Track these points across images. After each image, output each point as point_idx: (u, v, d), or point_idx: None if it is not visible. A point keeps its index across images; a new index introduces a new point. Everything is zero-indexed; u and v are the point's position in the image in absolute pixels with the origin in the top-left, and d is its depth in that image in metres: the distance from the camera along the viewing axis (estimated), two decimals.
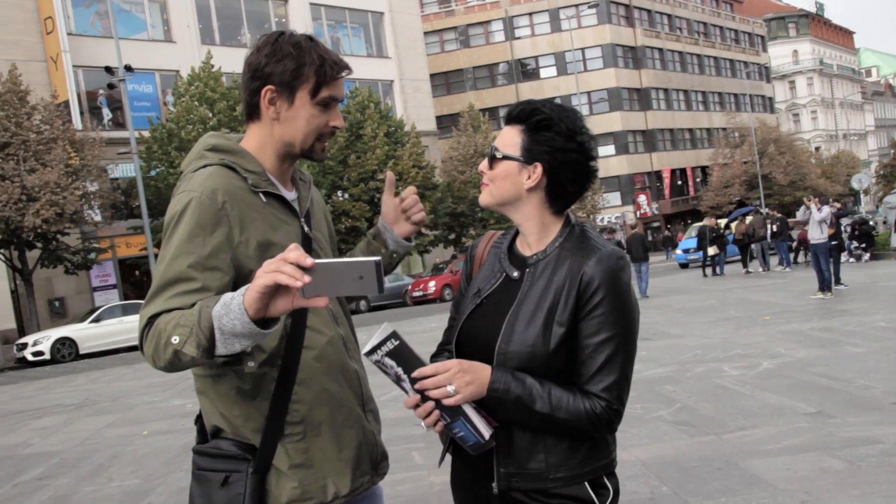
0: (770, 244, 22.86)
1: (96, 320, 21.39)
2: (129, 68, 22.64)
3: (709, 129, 58.80)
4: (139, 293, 28.23)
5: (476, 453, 1.69)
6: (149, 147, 25.78)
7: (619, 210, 49.41)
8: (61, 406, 11.16)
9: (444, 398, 1.60)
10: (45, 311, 25.76)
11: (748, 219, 23.92)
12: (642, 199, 51.94)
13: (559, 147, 1.71)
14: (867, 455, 4.75)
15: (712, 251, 22.99)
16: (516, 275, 1.77)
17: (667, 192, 54.25)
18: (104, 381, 14.14)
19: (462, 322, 1.80)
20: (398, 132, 32.70)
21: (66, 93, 26.21)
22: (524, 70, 52.05)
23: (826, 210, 14.58)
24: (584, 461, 1.68)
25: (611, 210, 48.27)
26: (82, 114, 26.99)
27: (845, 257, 20.16)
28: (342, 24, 37.47)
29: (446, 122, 44.82)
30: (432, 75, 43.41)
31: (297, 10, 34.75)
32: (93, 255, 24.65)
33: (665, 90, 55.57)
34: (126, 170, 27.07)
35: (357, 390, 1.87)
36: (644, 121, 53.28)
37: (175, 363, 1.57)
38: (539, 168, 1.72)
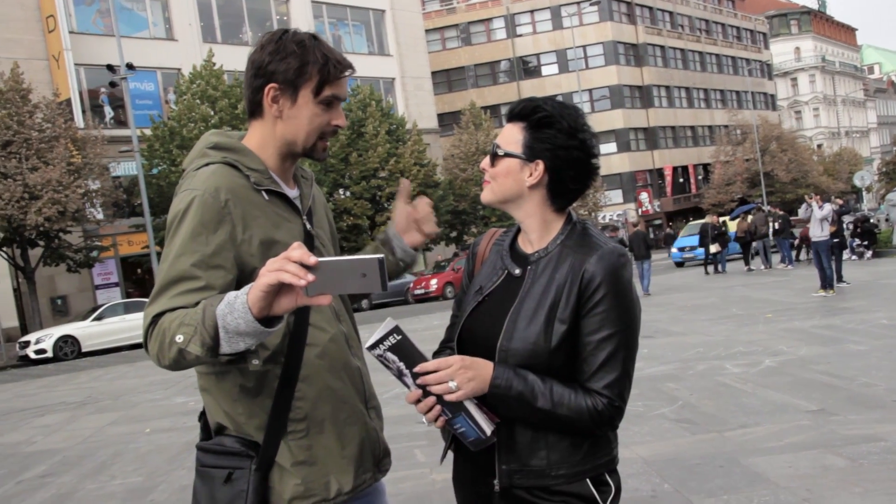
0: (772, 242, 22.85)
1: (98, 318, 21.42)
2: (130, 66, 22.64)
3: (711, 127, 58.75)
4: (141, 291, 28.27)
5: (477, 449, 1.69)
6: (150, 145, 25.81)
7: (620, 208, 49.39)
8: (64, 404, 11.18)
9: (445, 394, 1.61)
10: (48, 310, 25.79)
11: (749, 217, 23.90)
12: (644, 196, 51.91)
13: (561, 144, 1.71)
14: (869, 453, 4.75)
15: (714, 249, 22.98)
16: (518, 272, 1.77)
17: (668, 189, 54.22)
18: (106, 378, 14.16)
19: (464, 319, 1.80)
20: (400, 130, 32.69)
21: (67, 91, 26.25)
22: (526, 67, 52.02)
23: (827, 208, 14.57)
24: (586, 458, 1.69)
25: (612, 208, 48.28)
26: (84, 112, 27.04)
27: (847, 255, 20.14)
28: (343, 22, 37.45)
29: (448, 120, 44.81)
30: (434, 73, 43.40)
31: (299, 8, 34.73)
32: (95, 254, 24.69)
33: (667, 87, 55.52)
34: (128, 168, 27.12)
35: (359, 387, 1.88)
36: (646, 118, 53.23)
37: (180, 362, 1.57)
38: (541, 165, 1.72)
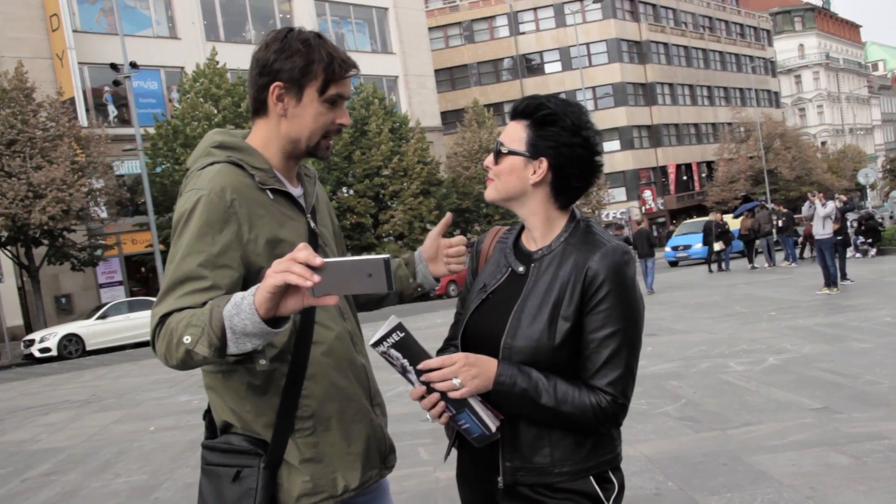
0: (776, 239, 22.81)
1: (102, 317, 21.45)
2: (134, 65, 22.65)
3: (714, 124, 58.61)
4: (145, 289, 28.34)
5: (481, 445, 1.70)
6: (154, 144, 25.84)
7: (624, 205, 49.30)
8: (68, 402, 11.20)
9: (449, 391, 1.61)
10: (52, 308, 25.85)
11: (754, 214, 23.87)
12: (647, 194, 51.83)
13: (564, 142, 1.71)
14: (873, 450, 4.75)
15: (718, 247, 22.95)
16: (522, 270, 1.77)
17: (672, 187, 54.13)
18: (110, 377, 14.19)
19: (468, 317, 1.80)
20: (403, 128, 32.69)
21: (71, 90, 26.28)
22: (529, 65, 51.95)
23: (830, 205, 14.53)
24: (590, 455, 1.69)
25: (616, 205, 48.22)
26: (88, 111, 27.06)
27: (851, 252, 20.11)
28: (346, 20, 37.43)
29: (451, 118, 44.76)
30: (437, 71, 43.36)
31: (302, 6, 34.73)
32: (99, 252, 24.72)
33: (670, 85, 55.42)
34: (132, 166, 27.14)
35: (365, 385, 1.89)
36: (649, 116, 53.15)
37: (187, 362, 1.58)
38: (544, 163, 1.72)
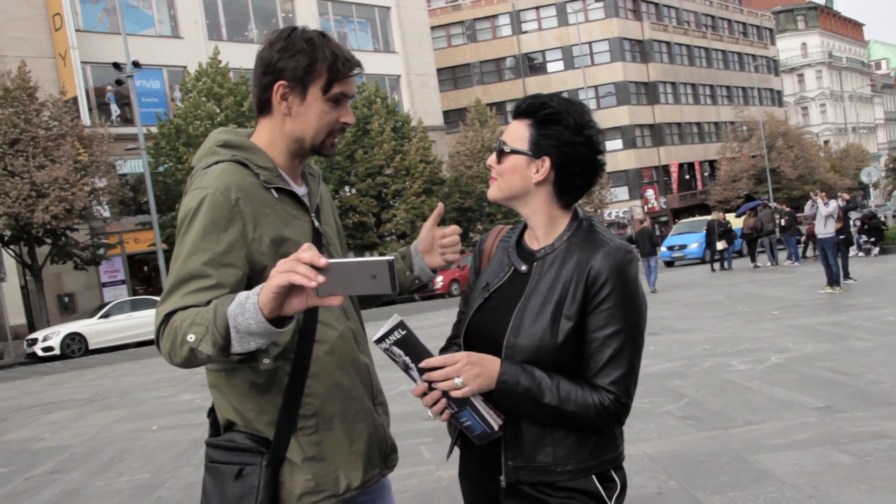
0: (778, 238, 22.77)
1: (105, 316, 21.50)
2: (136, 64, 22.69)
3: (717, 123, 58.53)
4: (148, 288, 28.38)
5: (482, 443, 1.70)
6: (157, 143, 25.87)
7: (626, 204, 49.27)
8: (71, 401, 11.22)
9: (451, 390, 1.61)
10: (55, 307, 25.90)
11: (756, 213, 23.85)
12: (650, 193, 51.77)
13: (567, 141, 1.71)
14: (876, 450, 4.74)
15: (721, 246, 22.93)
16: (524, 269, 1.77)
17: (675, 186, 54.07)
18: (113, 376, 14.22)
19: (470, 316, 1.81)
20: (405, 127, 32.70)
21: (74, 89, 26.32)
22: (531, 64, 51.92)
23: (833, 204, 14.50)
24: (592, 454, 1.69)
25: (618, 204, 48.19)
26: (91, 110, 27.12)
27: (854, 251, 20.07)
28: (349, 19, 37.45)
29: (453, 117, 44.75)
30: (439, 70, 43.36)
31: (304, 5, 34.75)
32: (101, 251, 24.76)
33: (673, 84, 55.35)
34: (134, 166, 27.18)
35: (367, 384, 1.89)
36: (652, 115, 53.10)
37: (191, 360, 1.59)
38: (547, 162, 1.72)
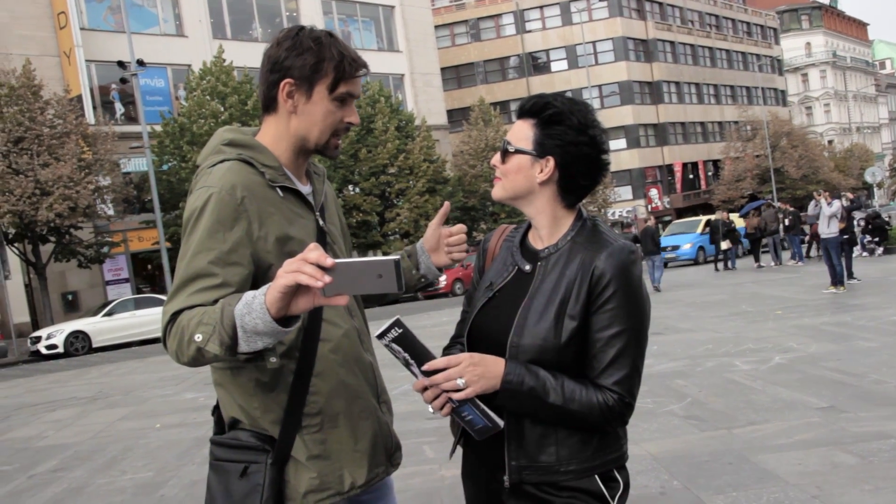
0: (782, 238, 22.74)
1: (109, 314, 21.52)
2: (141, 63, 22.72)
3: (720, 123, 58.43)
4: (152, 287, 28.40)
5: (483, 437, 1.69)
6: (161, 141, 25.90)
7: (630, 204, 49.24)
8: (75, 399, 11.24)
9: (453, 391, 1.61)
10: (59, 305, 25.95)
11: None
12: (654, 193, 51.72)
13: (571, 141, 1.71)
14: (879, 450, 4.74)
15: (725, 245, 22.90)
16: (528, 268, 1.77)
17: (678, 185, 54.00)
18: (117, 374, 14.24)
19: (474, 315, 1.81)
20: (409, 126, 32.69)
21: (78, 87, 26.37)
22: (535, 63, 51.88)
23: (836, 204, 14.48)
24: (595, 454, 1.69)
25: (622, 204, 48.14)
26: (95, 108, 27.16)
27: (858, 251, 20.03)
28: (353, 18, 37.45)
29: (457, 116, 44.73)
30: (443, 69, 43.34)
31: (309, 4, 34.76)
32: (105, 249, 24.80)
33: (676, 83, 55.27)
34: (138, 164, 27.21)
35: (372, 382, 1.90)
36: (655, 114, 53.03)
37: (198, 359, 1.60)
38: (551, 162, 1.72)
